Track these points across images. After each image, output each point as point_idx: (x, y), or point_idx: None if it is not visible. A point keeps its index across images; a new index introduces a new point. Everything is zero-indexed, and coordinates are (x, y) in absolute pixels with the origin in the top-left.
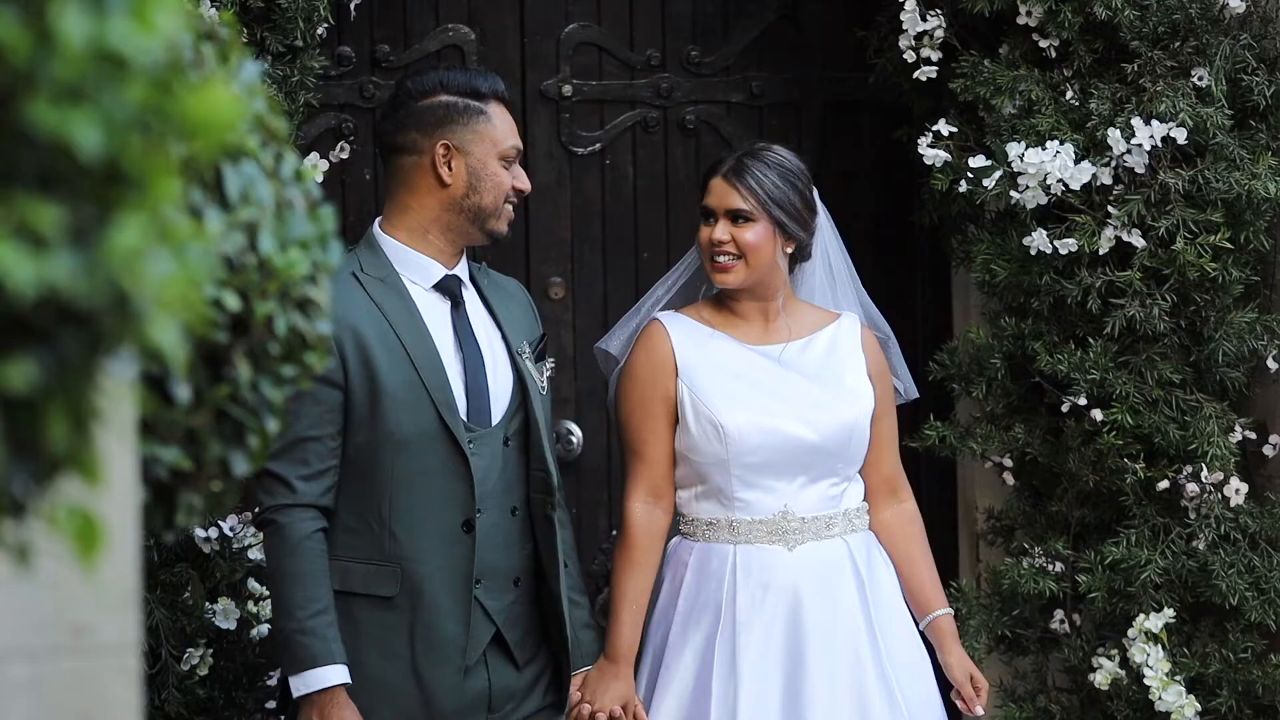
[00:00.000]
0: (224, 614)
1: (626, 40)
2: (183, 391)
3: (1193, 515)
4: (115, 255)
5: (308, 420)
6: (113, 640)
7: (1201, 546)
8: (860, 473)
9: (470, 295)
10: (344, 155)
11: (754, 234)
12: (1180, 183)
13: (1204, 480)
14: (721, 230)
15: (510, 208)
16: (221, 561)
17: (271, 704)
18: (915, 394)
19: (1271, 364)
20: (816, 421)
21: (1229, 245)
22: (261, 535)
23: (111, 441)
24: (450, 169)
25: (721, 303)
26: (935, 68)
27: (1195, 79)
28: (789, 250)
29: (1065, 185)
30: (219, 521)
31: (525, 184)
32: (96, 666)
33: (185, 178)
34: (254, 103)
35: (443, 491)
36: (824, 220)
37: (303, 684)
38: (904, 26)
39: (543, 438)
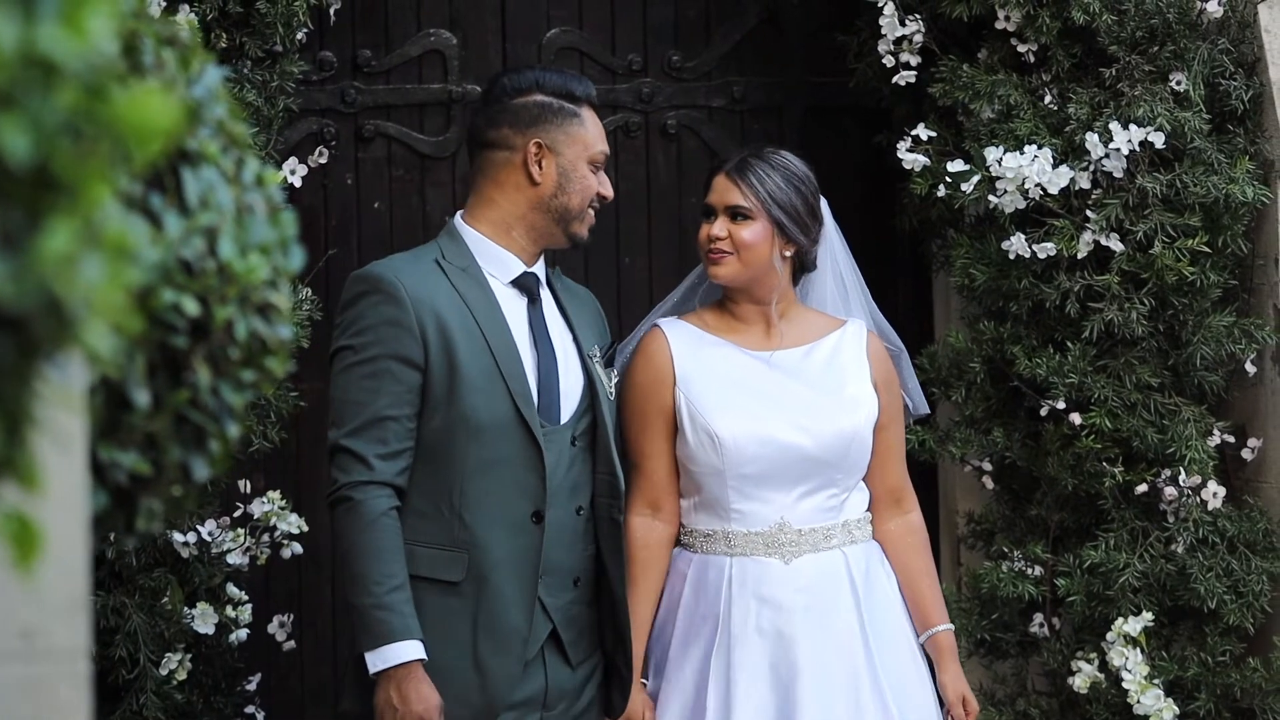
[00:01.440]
0: (202, 618)
1: (608, 45)
2: (141, 396)
3: (1171, 519)
4: (46, 260)
5: (387, 399)
6: (63, 645)
7: (1180, 550)
8: (865, 482)
9: (546, 296)
10: (322, 160)
11: (750, 232)
12: (1158, 187)
13: (1182, 484)
14: (719, 226)
15: (593, 213)
16: (200, 566)
17: (250, 709)
18: (925, 410)
19: (1249, 367)
20: (814, 430)
21: (1207, 249)
22: (334, 512)
23: (59, 448)
24: (541, 168)
25: (724, 307)
26: (914, 72)
27: (1173, 83)
28: (787, 253)
29: (1043, 189)
30: (198, 526)
31: (609, 191)
32: (46, 672)
33: (143, 182)
34: (215, 108)
35: (514, 481)
36: (832, 232)
37: (380, 659)
38: (883, 31)
39: (609, 441)
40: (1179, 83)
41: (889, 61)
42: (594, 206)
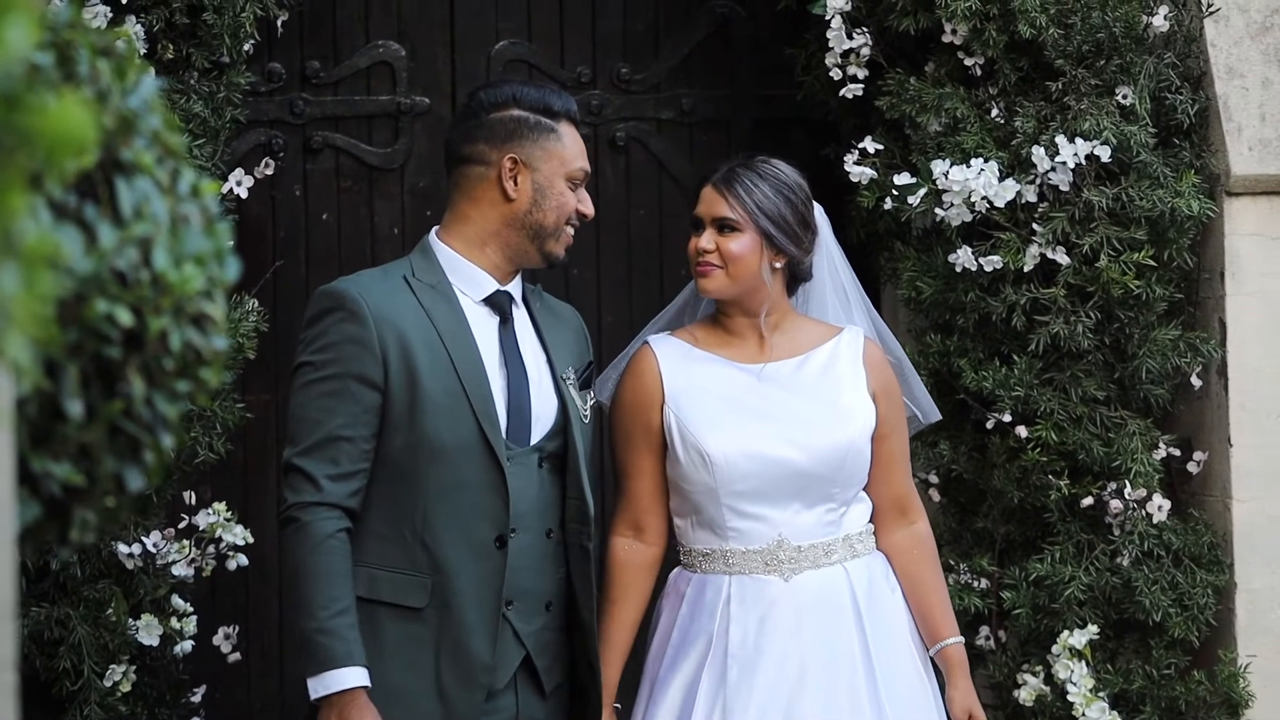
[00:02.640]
0: (147, 630)
1: (557, 57)
2: (75, 407)
3: (1116, 532)
4: None
5: (343, 419)
6: None
7: (1125, 563)
8: (869, 493)
9: (520, 315)
10: (269, 171)
11: (738, 244)
12: (1104, 200)
13: (1128, 497)
14: (707, 239)
15: (570, 231)
16: (145, 578)
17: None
18: (936, 416)
19: (1195, 381)
20: (807, 443)
21: (1152, 263)
22: (282, 532)
23: None
24: (516, 183)
25: (716, 321)
26: (862, 85)
27: (1119, 97)
28: (778, 265)
29: (990, 203)
30: (142, 538)
31: (589, 209)
32: None
33: (77, 193)
34: (151, 119)
35: (477, 505)
36: (829, 241)
37: (321, 685)
38: (831, 44)
39: (581, 465)
40: (1125, 96)
41: (836, 74)
42: (573, 225)
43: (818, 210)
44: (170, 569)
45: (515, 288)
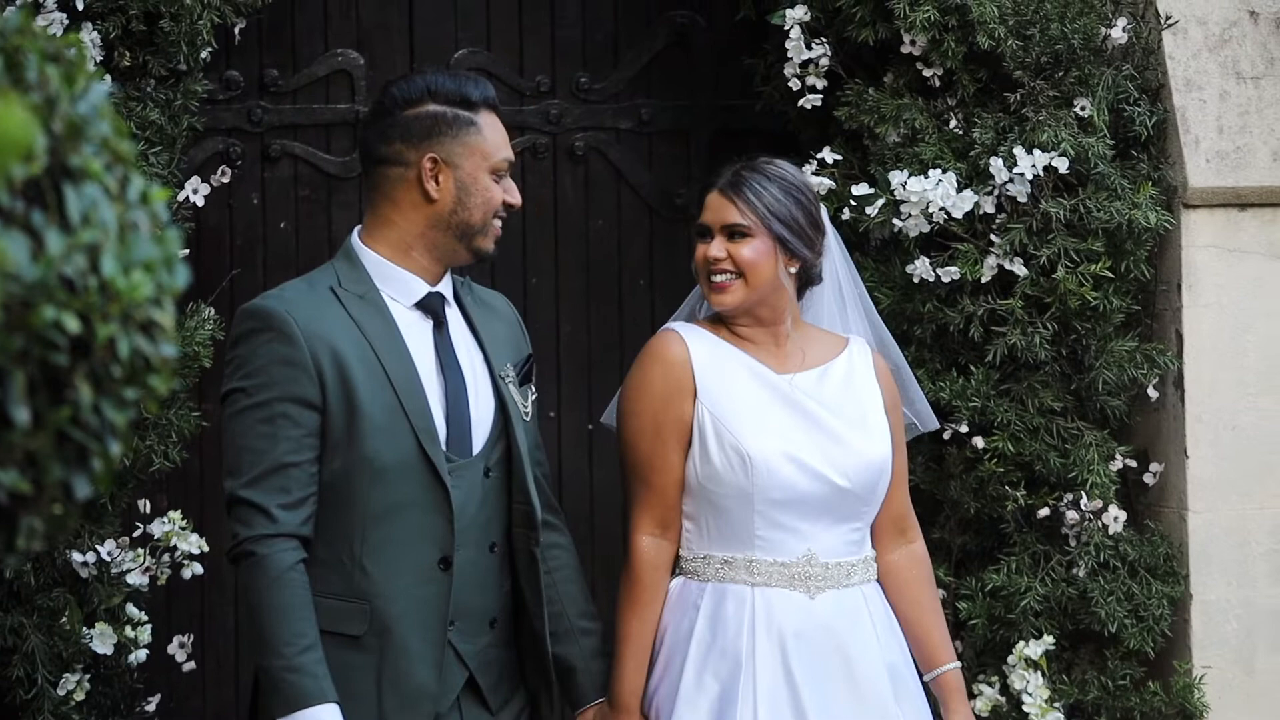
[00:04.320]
0: (101, 639)
1: (516, 66)
2: (21, 414)
3: (1073, 543)
4: None
5: (287, 445)
6: None
7: (1081, 574)
8: None
9: (454, 314)
10: (225, 179)
11: (752, 250)
12: (1062, 212)
13: (1084, 508)
14: (717, 247)
15: (499, 224)
16: (99, 586)
17: None
18: (934, 425)
19: (1152, 392)
20: (843, 461)
21: (1110, 274)
22: (237, 568)
23: None
24: (438, 183)
25: (725, 325)
26: (820, 96)
27: (1077, 109)
28: (793, 269)
29: (948, 213)
30: (97, 546)
31: (516, 199)
32: None
33: (24, 199)
34: (100, 125)
35: (419, 526)
36: (833, 241)
37: None
38: (789, 55)
39: (525, 468)
40: (1083, 108)
41: (795, 85)
42: (500, 217)
43: (823, 209)
44: (125, 577)
45: (446, 286)
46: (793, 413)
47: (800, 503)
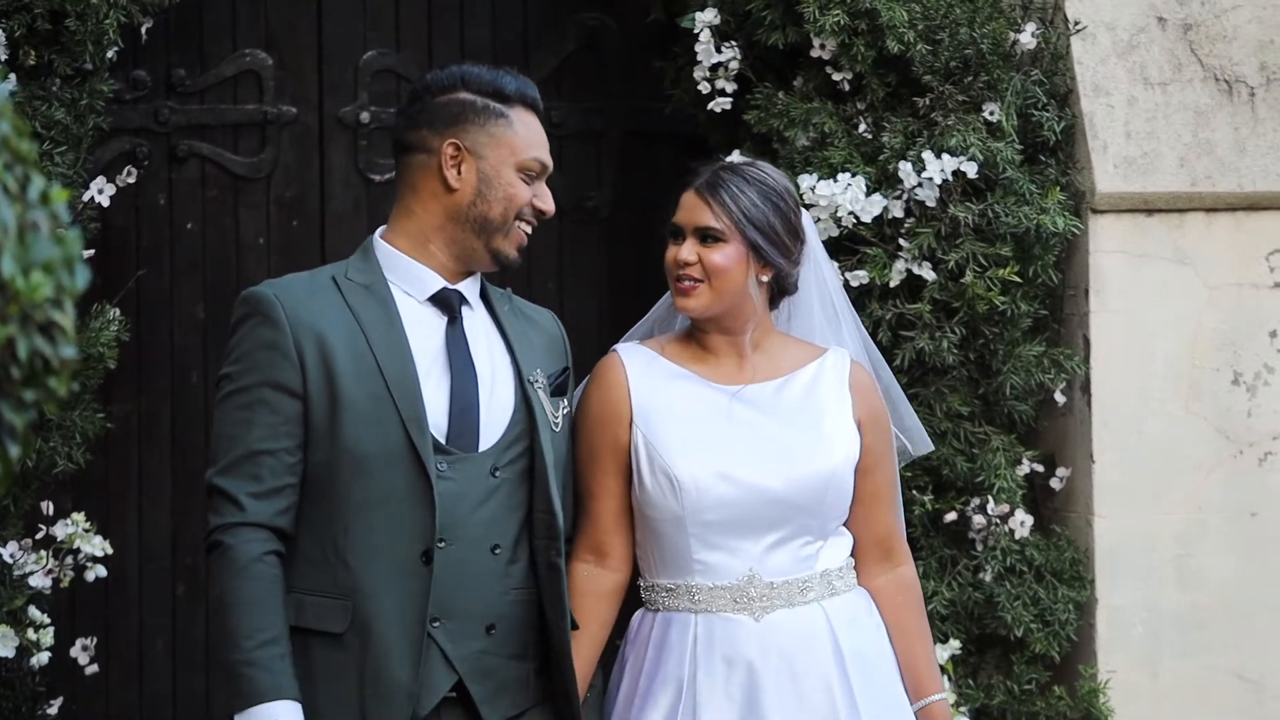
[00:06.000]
0: (3, 641)
1: (425, 67)
2: None
3: (979, 547)
4: None
5: (262, 431)
6: None
7: (988, 578)
8: (849, 529)
9: (476, 315)
10: (131, 179)
11: (723, 256)
12: (970, 216)
13: (991, 513)
14: (688, 250)
15: (523, 230)
16: (1, 588)
17: None
18: (928, 447)
19: (1059, 397)
20: (785, 472)
21: (1018, 279)
22: (208, 558)
23: None
24: (459, 172)
25: (691, 336)
26: (730, 99)
27: (986, 114)
28: (764, 278)
29: (857, 218)
30: None
31: (547, 205)
32: None
33: None
34: None
35: (402, 518)
36: (817, 249)
37: None
38: (699, 58)
39: (550, 477)
40: (992, 113)
41: (705, 88)
42: (527, 221)
43: (805, 217)
44: (27, 580)
45: (468, 288)
46: (734, 429)
47: (736, 522)
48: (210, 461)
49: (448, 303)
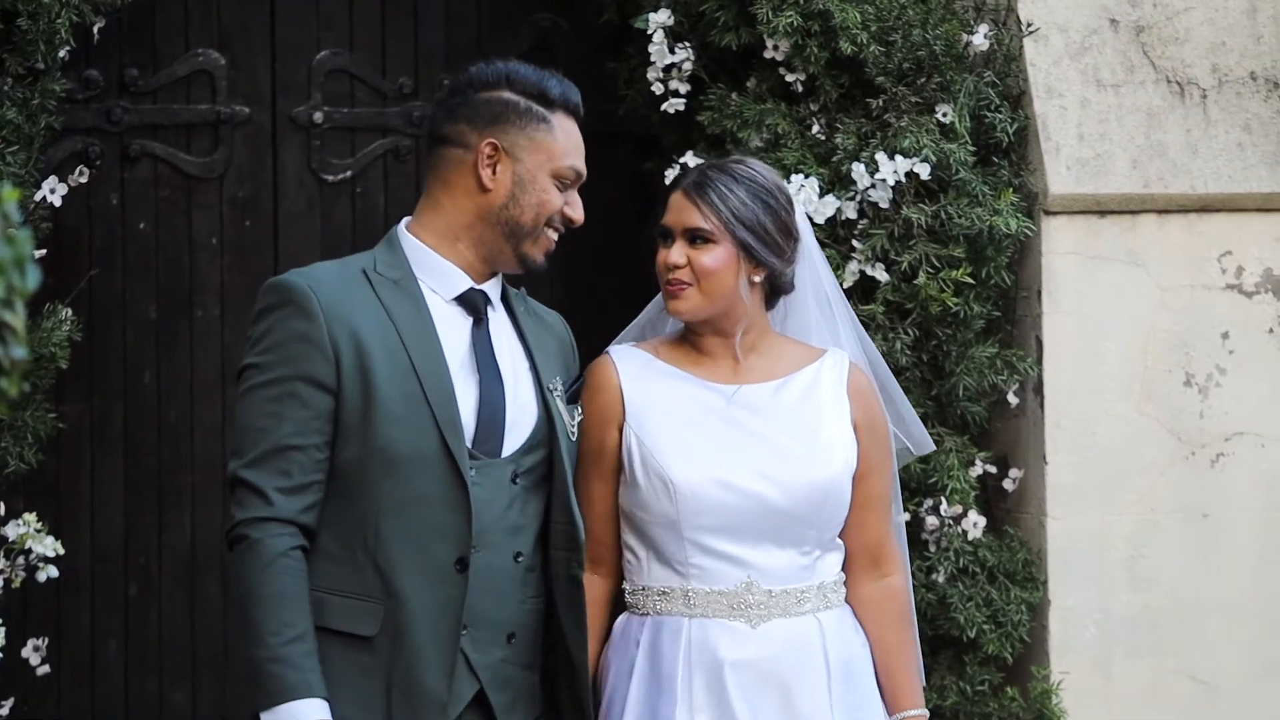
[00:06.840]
0: None
1: (378, 68)
2: None
3: (932, 548)
4: None
5: (292, 426)
6: None
7: (941, 579)
8: (841, 536)
9: (498, 317)
10: (83, 179)
11: (713, 258)
12: (923, 218)
13: (944, 514)
14: (677, 253)
15: (552, 236)
16: None
17: None
18: (930, 447)
19: (1012, 399)
20: (782, 480)
21: (971, 280)
22: (231, 552)
23: None
24: (495, 173)
25: (685, 339)
26: (684, 100)
27: (939, 115)
28: (756, 278)
29: (810, 219)
30: None
31: (578, 214)
32: None
33: None
34: None
35: (436, 522)
36: (812, 248)
37: None
38: (653, 59)
39: (569, 486)
40: (945, 114)
41: (659, 89)
42: (556, 228)
43: (799, 214)
44: None
45: (493, 288)
46: (730, 431)
47: (734, 528)
48: (234, 454)
49: (473, 303)
